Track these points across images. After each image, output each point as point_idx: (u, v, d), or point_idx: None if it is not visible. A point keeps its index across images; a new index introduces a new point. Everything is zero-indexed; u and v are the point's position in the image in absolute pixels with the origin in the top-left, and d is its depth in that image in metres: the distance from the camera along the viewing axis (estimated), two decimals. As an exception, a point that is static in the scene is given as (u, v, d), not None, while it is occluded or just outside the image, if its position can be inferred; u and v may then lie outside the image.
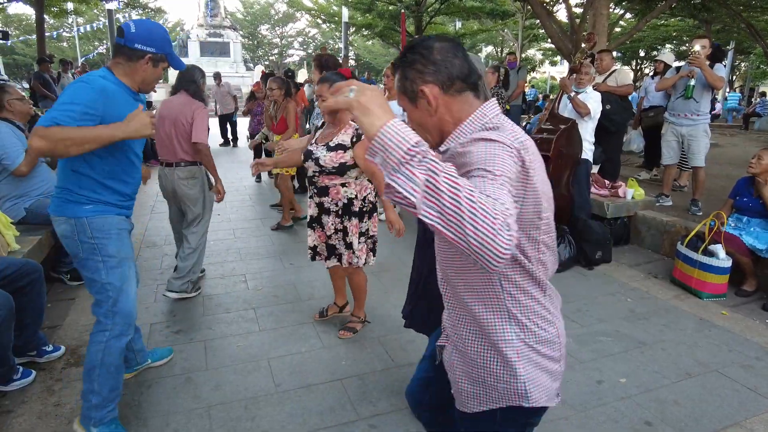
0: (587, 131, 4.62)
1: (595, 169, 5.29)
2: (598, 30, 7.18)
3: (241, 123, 10.85)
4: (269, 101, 5.20)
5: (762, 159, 3.74)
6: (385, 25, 16.36)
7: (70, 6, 15.42)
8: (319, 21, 25.87)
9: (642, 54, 24.65)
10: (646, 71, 24.89)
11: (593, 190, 4.99)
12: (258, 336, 3.12)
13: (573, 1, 10.88)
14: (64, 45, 33.60)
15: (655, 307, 3.59)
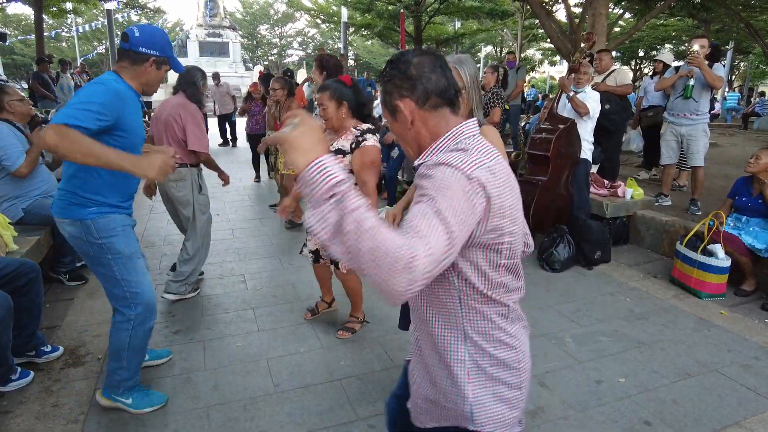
0: (586, 131, 4.62)
1: (595, 169, 5.29)
2: (597, 30, 7.17)
3: (241, 123, 10.83)
4: (272, 101, 5.21)
5: (760, 158, 3.75)
6: (385, 25, 16.34)
7: (68, 6, 15.39)
8: (319, 21, 25.84)
9: (641, 54, 24.64)
10: (645, 71, 24.91)
11: (592, 189, 4.99)
12: (257, 336, 3.12)
13: (572, 1, 10.89)
14: (63, 45, 33.56)
15: (655, 307, 3.59)
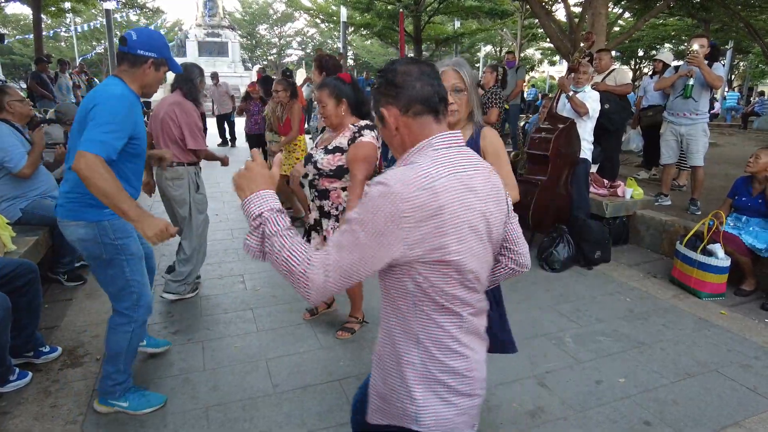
0: (586, 131, 4.62)
1: (594, 169, 5.28)
2: (596, 29, 7.17)
3: (239, 123, 10.82)
4: (275, 103, 5.22)
5: (759, 158, 3.75)
6: (384, 25, 16.32)
7: (67, 5, 15.37)
8: (318, 21, 25.83)
9: (641, 53, 24.63)
10: (644, 70, 24.91)
11: (592, 189, 4.99)
12: (256, 336, 3.11)
13: (572, 1, 10.88)
14: (62, 45, 33.52)
15: (654, 307, 3.59)
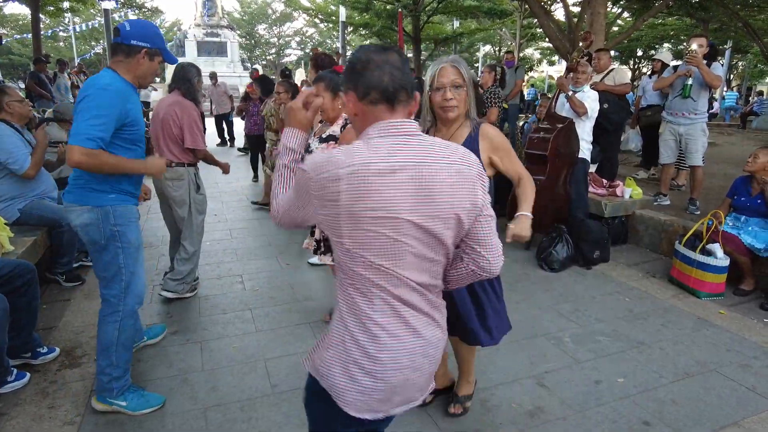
0: (585, 130, 4.61)
1: (593, 169, 5.28)
2: (595, 29, 7.16)
3: (238, 123, 10.82)
4: (277, 104, 5.25)
5: (758, 158, 3.75)
6: (383, 25, 16.32)
7: (66, 5, 15.35)
8: (317, 20, 25.84)
9: (639, 53, 24.65)
10: (643, 70, 24.93)
11: (591, 189, 4.98)
12: (254, 337, 3.11)
13: (570, 0, 10.88)
14: (60, 45, 33.48)
15: (653, 307, 3.59)
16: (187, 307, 3.49)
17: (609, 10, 10.27)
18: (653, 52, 19.51)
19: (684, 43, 16.70)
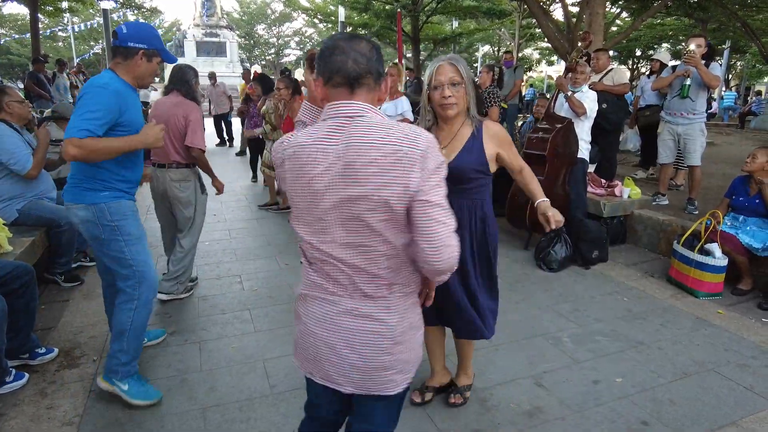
0: (583, 130, 4.62)
1: (592, 168, 5.28)
2: (594, 29, 7.17)
3: (237, 123, 10.81)
4: (278, 99, 5.26)
5: (756, 157, 3.75)
6: (382, 25, 16.31)
7: (64, 5, 15.34)
8: (316, 20, 25.82)
9: (638, 53, 24.69)
10: (642, 70, 24.95)
11: (590, 189, 4.99)
12: (253, 337, 3.11)
13: (569, 1, 10.89)
14: (59, 45, 33.43)
15: (652, 307, 3.59)
16: (186, 308, 3.49)
17: (608, 10, 10.26)
18: (652, 52, 19.51)
19: (682, 43, 16.72)
